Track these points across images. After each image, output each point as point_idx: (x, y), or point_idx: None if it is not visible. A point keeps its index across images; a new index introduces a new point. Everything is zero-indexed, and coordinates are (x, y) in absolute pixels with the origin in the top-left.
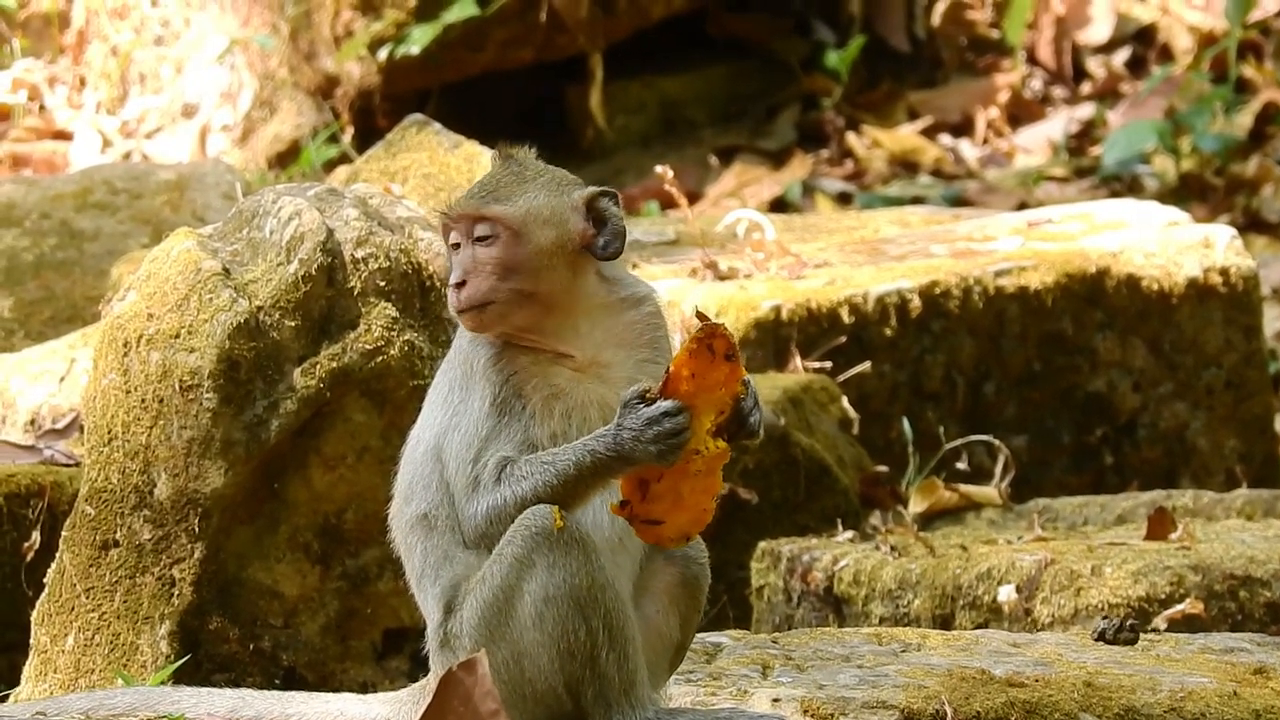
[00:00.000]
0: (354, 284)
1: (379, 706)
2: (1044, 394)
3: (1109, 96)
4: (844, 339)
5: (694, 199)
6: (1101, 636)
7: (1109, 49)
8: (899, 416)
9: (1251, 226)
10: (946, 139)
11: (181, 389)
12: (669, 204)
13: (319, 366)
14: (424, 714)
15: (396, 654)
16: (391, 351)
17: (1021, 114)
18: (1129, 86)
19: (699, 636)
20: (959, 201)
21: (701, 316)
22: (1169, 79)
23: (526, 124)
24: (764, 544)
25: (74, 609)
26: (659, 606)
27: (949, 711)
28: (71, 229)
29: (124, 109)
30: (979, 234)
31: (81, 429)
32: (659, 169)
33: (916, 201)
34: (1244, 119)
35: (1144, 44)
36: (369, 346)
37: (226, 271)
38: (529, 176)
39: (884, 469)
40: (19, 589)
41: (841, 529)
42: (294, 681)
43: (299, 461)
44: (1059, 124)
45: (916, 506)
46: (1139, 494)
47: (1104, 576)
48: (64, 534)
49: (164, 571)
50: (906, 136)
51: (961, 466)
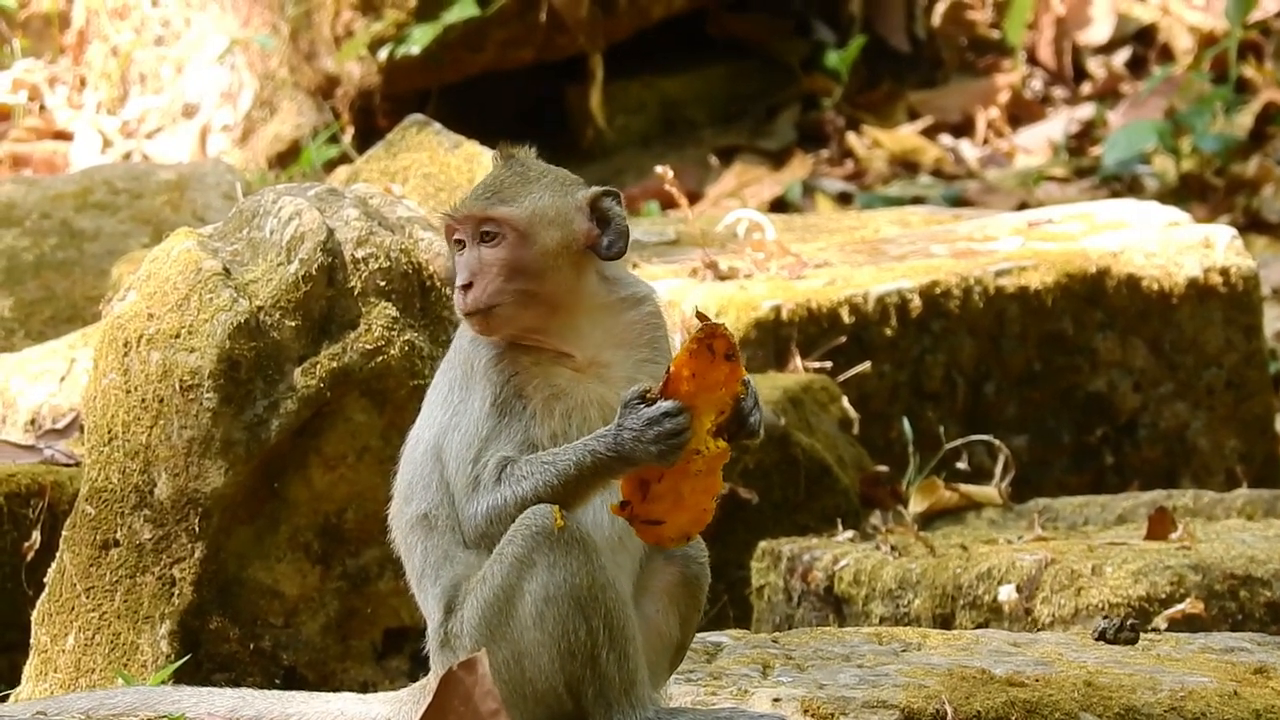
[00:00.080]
0: (354, 284)
1: (379, 706)
2: (1044, 394)
3: (1109, 97)
4: (844, 339)
5: (694, 199)
6: (1102, 636)
7: (1109, 49)
8: (899, 416)
9: (1252, 226)
10: (947, 139)
11: (182, 389)
12: (669, 204)
13: (319, 366)
14: (424, 713)
15: (397, 654)
16: (392, 351)
17: (1022, 114)
18: (1129, 87)
19: (699, 636)
20: (959, 201)
21: (702, 317)
22: (1169, 79)
23: (526, 124)
24: (764, 544)
25: (74, 609)
26: (659, 606)
27: (949, 711)
28: (72, 229)
29: (124, 109)
30: (979, 234)
31: (82, 429)
32: (659, 169)
33: (917, 201)
34: (1244, 119)
35: (1144, 44)
36: (369, 346)
37: (227, 271)
38: (533, 177)
39: (884, 469)
40: (19, 589)
41: (842, 529)
42: (294, 681)
43: (299, 461)
44: (1059, 124)
45: (917, 506)
46: (1139, 494)
47: (1104, 576)
48: (64, 534)
49: (164, 571)
50: (907, 136)
51: (962, 466)
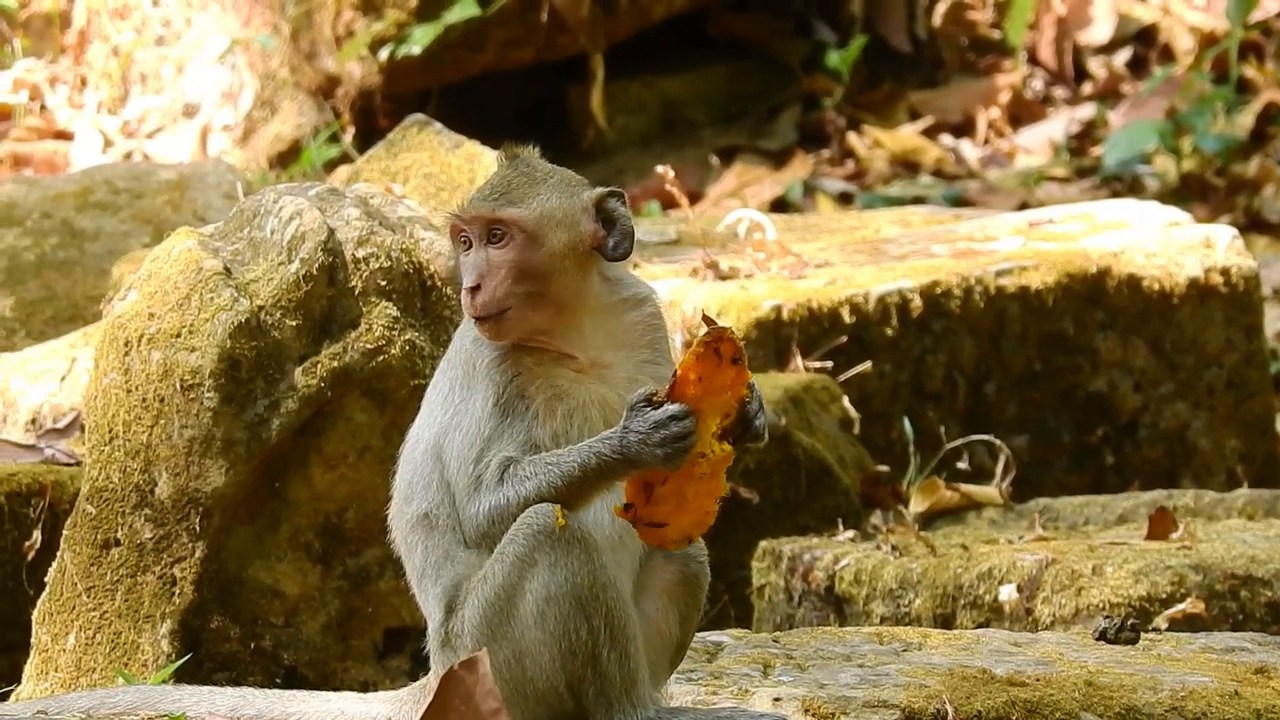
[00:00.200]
0: (355, 283)
1: (380, 705)
2: (1045, 394)
3: (1110, 97)
4: (845, 339)
5: (695, 199)
6: (1103, 636)
7: (1110, 49)
8: (900, 416)
9: (1252, 227)
10: (947, 139)
11: (182, 388)
12: (670, 204)
13: (320, 366)
14: (425, 713)
15: (397, 653)
16: (392, 351)
17: (1023, 114)
18: (1130, 87)
19: (700, 635)
20: (960, 201)
21: (708, 320)
22: (1170, 79)
23: (527, 124)
24: (765, 543)
25: (75, 608)
26: (658, 605)
27: (950, 711)
28: (73, 228)
29: (125, 109)
30: (980, 234)
31: (82, 428)
32: (660, 169)
33: (917, 201)
34: (1245, 119)
35: (1145, 44)
36: (370, 346)
37: (228, 271)
38: (539, 178)
39: (885, 469)
40: (20, 588)
41: (842, 528)
42: (295, 680)
43: (300, 461)
44: (1060, 124)
45: (917, 506)
46: (1140, 494)
47: (1105, 576)
48: (65, 533)
49: (165, 570)
50: (907, 137)
51: (962, 466)
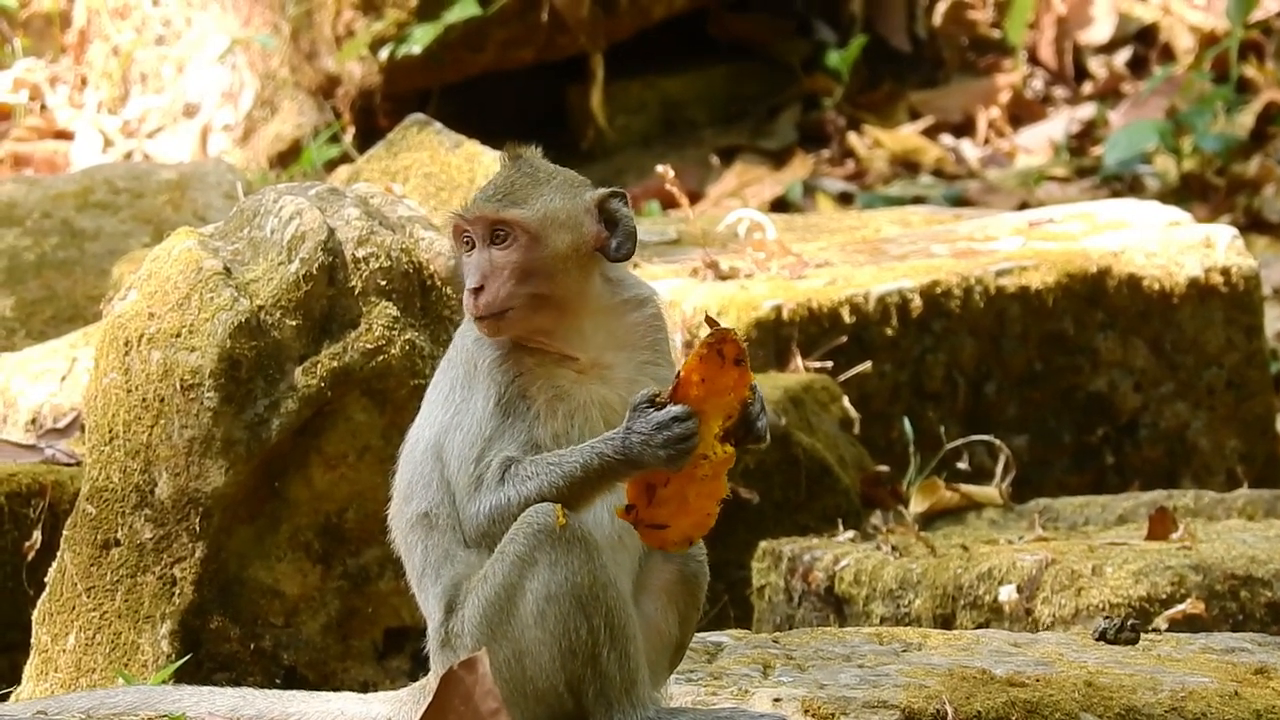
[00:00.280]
0: (355, 283)
1: (379, 706)
2: (1045, 394)
3: (1110, 96)
4: (845, 339)
5: (695, 199)
6: (1102, 636)
7: (1110, 49)
8: (900, 416)
9: (1253, 226)
10: (948, 139)
11: (182, 388)
12: (670, 204)
13: (320, 366)
14: (425, 713)
15: (397, 653)
16: (392, 351)
17: (1023, 114)
18: (1130, 86)
19: (700, 636)
20: (960, 201)
21: (711, 322)
22: (1170, 79)
23: (527, 124)
24: (765, 544)
25: (75, 608)
26: (658, 604)
27: (950, 711)
28: (73, 228)
29: (125, 108)
30: (980, 234)
31: (82, 428)
32: (660, 169)
33: (918, 201)
34: (1245, 119)
35: (1145, 44)
36: (370, 346)
37: (228, 271)
38: (542, 178)
39: (885, 469)
40: (20, 588)
41: (842, 529)
42: (295, 681)
43: (300, 461)
44: (1060, 124)
45: (917, 506)
46: (1140, 494)
47: (1105, 576)
48: (65, 533)
49: (165, 571)
50: (908, 136)
51: (962, 466)
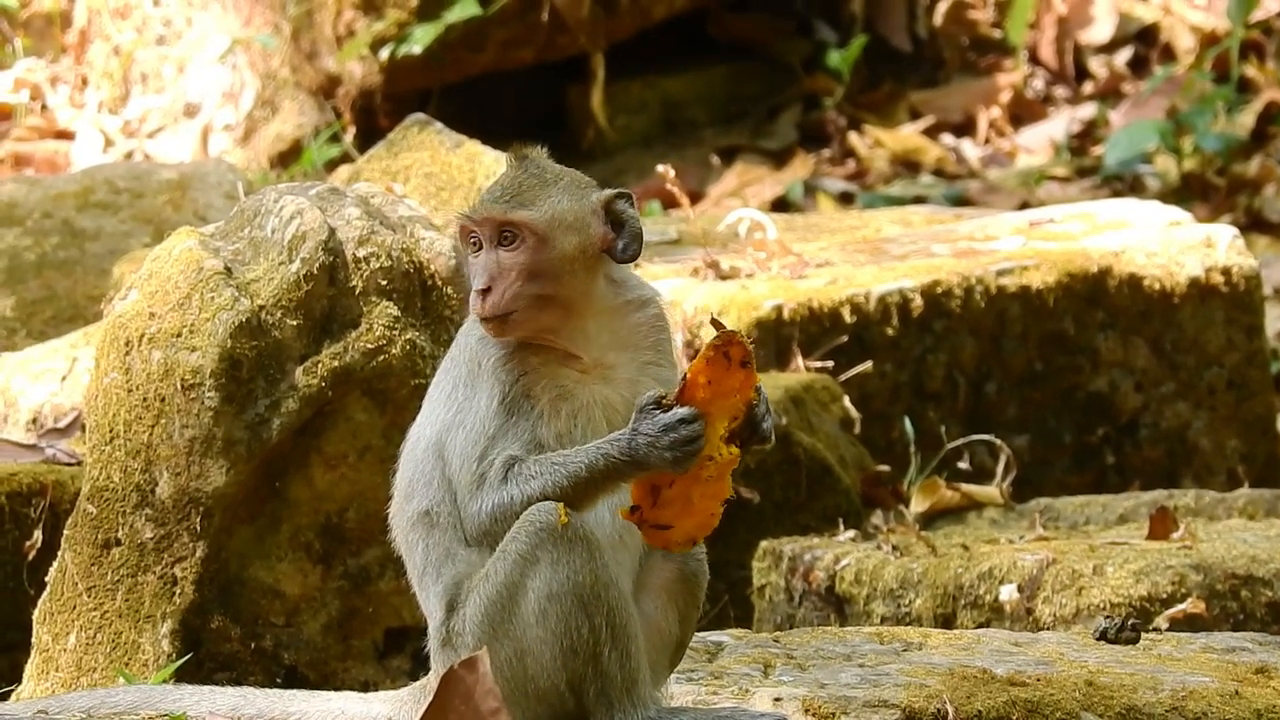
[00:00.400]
0: (356, 283)
1: (380, 705)
2: (1045, 394)
3: (1111, 96)
4: (845, 338)
5: (696, 199)
6: (1103, 636)
7: (1111, 49)
8: (900, 416)
9: (1253, 226)
10: (948, 139)
11: (183, 388)
12: (671, 204)
13: (320, 365)
14: (425, 712)
15: (398, 653)
16: (393, 351)
17: (1023, 114)
18: (1131, 86)
19: (700, 635)
20: (961, 201)
21: (717, 324)
22: (1171, 79)
23: (527, 124)
24: (766, 543)
25: (76, 608)
26: (658, 603)
27: (950, 710)
28: (73, 228)
29: (126, 108)
30: (981, 233)
31: (83, 428)
32: (660, 169)
33: (918, 201)
34: (1246, 119)
35: (1146, 44)
36: (370, 345)
37: (228, 270)
38: (549, 180)
39: (886, 468)
40: (21, 588)
41: (843, 528)
42: (295, 680)
43: (300, 460)
44: (1061, 124)
45: (918, 506)
46: (1140, 494)
47: (1105, 576)
48: (66, 533)
49: (166, 570)
50: (908, 136)
51: (963, 466)
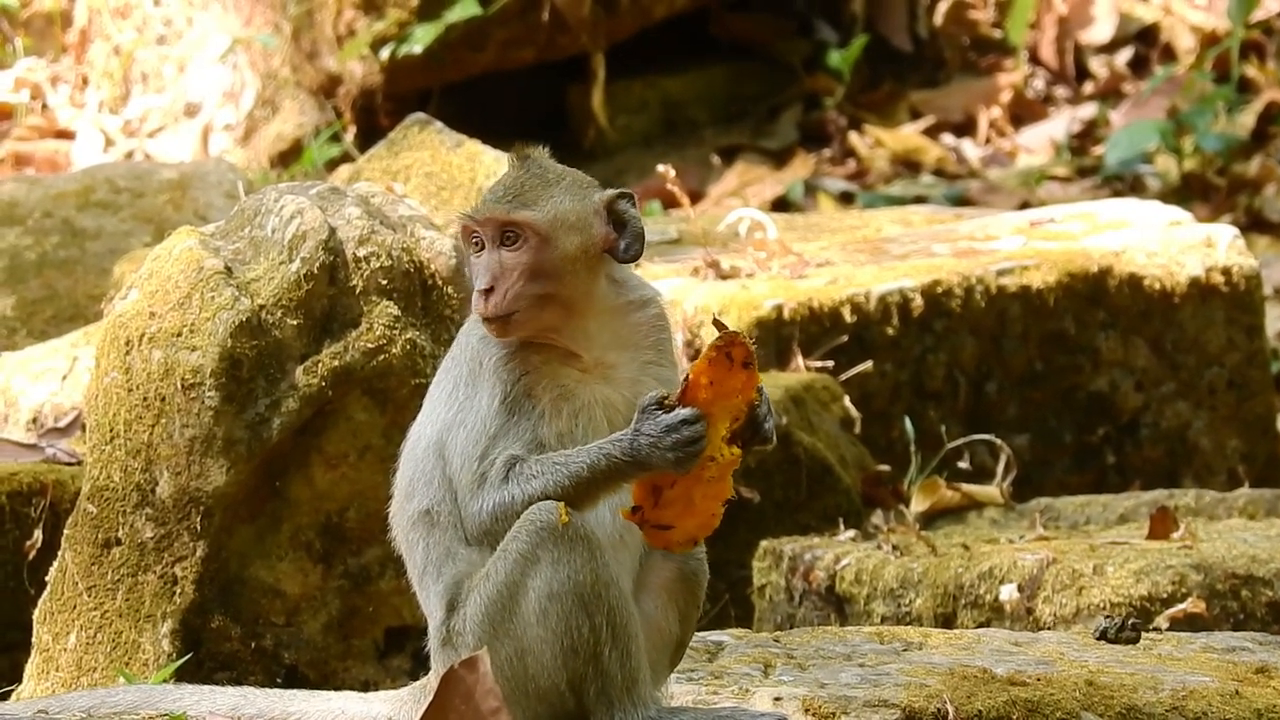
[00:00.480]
0: (356, 282)
1: (380, 705)
2: (1046, 393)
3: (1111, 96)
4: (846, 338)
5: (696, 198)
6: (1103, 635)
7: (1111, 49)
8: (901, 416)
9: (1254, 226)
10: (949, 138)
11: (183, 387)
12: (671, 203)
13: (321, 365)
14: (425, 711)
15: (398, 652)
16: (393, 350)
17: (1024, 113)
18: (1131, 86)
19: (701, 635)
20: (961, 201)
21: (720, 325)
22: (1171, 79)
23: (528, 124)
24: (766, 543)
25: (76, 607)
26: (658, 603)
27: (950, 710)
28: (74, 228)
29: (126, 108)
30: (981, 233)
31: (83, 427)
32: (661, 168)
33: (919, 201)
34: (1246, 119)
35: (1146, 44)
36: (371, 345)
37: (229, 270)
38: (551, 180)
39: (886, 468)
40: (21, 587)
41: (843, 528)
42: (296, 680)
43: (301, 460)
44: (1061, 123)
45: (918, 505)
46: (1141, 493)
47: (1106, 575)
48: (66, 532)
49: (166, 570)
50: (909, 136)
51: (963, 466)
